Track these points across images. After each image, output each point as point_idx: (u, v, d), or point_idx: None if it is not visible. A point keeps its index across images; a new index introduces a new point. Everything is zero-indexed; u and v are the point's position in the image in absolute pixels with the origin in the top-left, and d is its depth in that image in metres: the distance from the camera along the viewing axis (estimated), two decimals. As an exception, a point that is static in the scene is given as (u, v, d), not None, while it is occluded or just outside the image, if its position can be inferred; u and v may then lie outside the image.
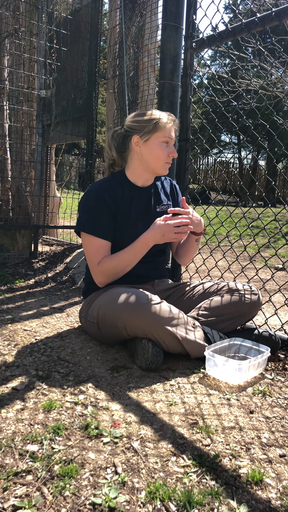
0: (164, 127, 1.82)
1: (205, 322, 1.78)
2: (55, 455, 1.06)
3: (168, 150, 1.85)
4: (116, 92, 3.44)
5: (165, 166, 1.88)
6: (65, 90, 4.13)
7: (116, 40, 3.51)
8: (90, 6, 3.84)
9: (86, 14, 3.91)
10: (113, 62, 3.52)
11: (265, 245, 5.87)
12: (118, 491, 0.94)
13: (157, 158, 1.85)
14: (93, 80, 3.83)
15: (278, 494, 0.96)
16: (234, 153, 21.12)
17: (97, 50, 3.82)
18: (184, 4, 2.30)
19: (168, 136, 1.83)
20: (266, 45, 8.23)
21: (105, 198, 1.83)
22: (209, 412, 1.32)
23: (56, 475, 0.98)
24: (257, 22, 1.96)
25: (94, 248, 1.82)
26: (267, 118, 11.78)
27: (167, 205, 2.01)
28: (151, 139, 1.83)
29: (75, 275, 3.28)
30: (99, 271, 1.81)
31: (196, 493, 0.94)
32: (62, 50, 3.99)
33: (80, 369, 1.60)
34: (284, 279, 3.93)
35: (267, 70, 8.47)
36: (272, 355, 1.81)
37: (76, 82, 4.02)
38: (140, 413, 1.29)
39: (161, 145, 1.83)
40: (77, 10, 4.01)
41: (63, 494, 0.93)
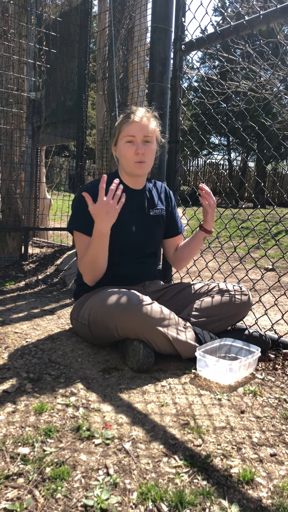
0: (126, 127, 1.82)
1: (196, 323, 1.79)
2: (46, 458, 1.05)
3: (135, 147, 1.81)
4: (106, 94, 3.44)
5: (135, 166, 1.84)
6: (54, 92, 4.12)
7: (105, 42, 3.51)
8: (79, 8, 3.84)
9: (76, 16, 3.91)
10: (102, 64, 3.53)
11: (255, 246, 5.90)
12: (110, 493, 0.94)
13: (125, 159, 1.85)
14: (82, 82, 3.83)
15: (269, 493, 0.97)
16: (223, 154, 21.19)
17: (87, 52, 3.82)
18: (173, 7, 2.31)
19: (130, 134, 1.80)
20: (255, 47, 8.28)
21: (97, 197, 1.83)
22: (200, 413, 1.32)
23: (47, 477, 0.98)
24: (246, 24, 1.97)
25: (83, 246, 1.82)
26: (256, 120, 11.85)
27: (161, 209, 2.02)
28: (118, 141, 1.86)
29: (65, 277, 3.27)
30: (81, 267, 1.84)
31: (187, 493, 0.94)
32: (51, 52, 3.98)
33: (71, 371, 1.59)
34: (274, 280, 3.96)
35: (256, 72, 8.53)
36: (263, 355, 1.82)
37: (66, 84, 4.01)
38: (131, 414, 1.29)
39: (126, 144, 1.83)
40: (66, 12, 4.01)
41: (54, 497, 0.92)
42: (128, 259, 1.93)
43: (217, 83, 8.20)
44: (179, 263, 2.15)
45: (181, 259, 2.12)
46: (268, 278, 4.20)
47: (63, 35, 3.99)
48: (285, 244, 6.37)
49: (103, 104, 3.59)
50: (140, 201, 1.96)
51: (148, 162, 1.86)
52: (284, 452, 1.14)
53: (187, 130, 2.57)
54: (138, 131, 1.81)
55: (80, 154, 3.95)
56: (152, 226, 1.98)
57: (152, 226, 1.98)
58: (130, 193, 1.92)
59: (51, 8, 4.19)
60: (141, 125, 1.81)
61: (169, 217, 2.08)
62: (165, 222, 2.06)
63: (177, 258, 2.13)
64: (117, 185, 1.66)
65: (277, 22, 1.96)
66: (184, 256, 2.10)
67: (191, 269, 3.45)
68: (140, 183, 1.96)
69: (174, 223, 2.10)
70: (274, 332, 1.99)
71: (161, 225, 2.03)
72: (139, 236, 1.92)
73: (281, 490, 0.98)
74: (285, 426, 1.27)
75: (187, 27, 2.39)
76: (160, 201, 2.03)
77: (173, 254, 2.15)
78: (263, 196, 15.16)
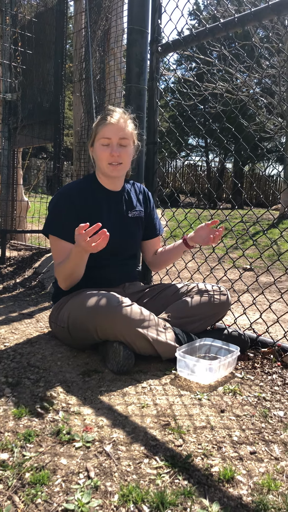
0: (102, 129, 1.81)
1: (175, 323, 1.79)
2: (26, 463, 1.04)
3: (110, 150, 1.80)
4: (83, 96, 3.43)
5: (110, 168, 1.84)
6: (31, 93, 4.08)
7: (82, 44, 3.50)
8: (55, 9, 3.82)
9: (51, 17, 3.89)
10: (79, 66, 3.51)
11: (233, 246, 5.96)
12: (91, 496, 0.93)
13: (101, 161, 1.84)
14: (59, 83, 3.81)
15: (249, 490, 0.98)
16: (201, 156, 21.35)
17: (63, 53, 3.79)
18: (149, 9, 2.32)
19: (106, 136, 1.80)
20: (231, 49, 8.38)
21: (74, 200, 1.83)
22: (181, 413, 1.33)
23: (27, 482, 0.97)
24: (221, 27, 1.99)
25: (58, 250, 1.82)
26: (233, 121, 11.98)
27: (139, 211, 2.02)
28: (95, 142, 1.86)
29: (44, 280, 3.24)
30: (57, 273, 1.83)
31: (169, 493, 0.94)
32: (27, 53, 3.94)
33: (50, 374, 1.58)
34: (252, 279, 4.00)
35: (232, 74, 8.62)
36: (242, 354, 1.84)
37: (43, 85, 3.98)
38: (112, 416, 1.29)
39: (101, 147, 1.82)
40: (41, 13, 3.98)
41: (34, 502, 0.91)
42: (107, 261, 1.92)
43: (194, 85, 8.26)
44: (156, 267, 2.16)
45: (158, 263, 2.14)
46: (247, 278, 4.24)
47: (39, 36, 3.96)
48: (262, 244, 6.45)
49: (80, 105, 3.57)
50: (118, 203, 1.95)
51: (124, 164, 1.86)
52: (264, 450, 1.15)
53: (164, 131, 2.58)
54: (114, 134, 1.80)
55: (57, 155, 3.92)
56: (131, 228, 1.98)
57: (131, 228, 1.98)
58: (108, 195, 1.92)
59: (26, 8, 4.15)
60: (118, 127, 1.81)
61: (148, 219, 2.08)
62: (144, 224, 2.06)
63: (155, 262, 2.14)
64: (98, 229, 1.59)
65: (251, 25, 1.98)
66: (162, 262, 2.13)
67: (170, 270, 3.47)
68: (118, 184, 1.96)
69: (153, 225, 2.10)
70: (252, 331, 2.01)
71: (139, 227, 2.03)
72: (118, 238, 1.92)
73: (261, 487, 0.99)
74: (265, 424, 1.29)
75: (163, 29, 2.41)
76: (138, 202, 2.03)
77: (151, 257, 2.15)
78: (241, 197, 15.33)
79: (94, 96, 3.03)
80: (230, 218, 8.67)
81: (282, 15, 1.79)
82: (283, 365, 1.75)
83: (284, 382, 1.60)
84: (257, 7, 1.85)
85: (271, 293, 3.59)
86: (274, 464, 1.09)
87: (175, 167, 18.92)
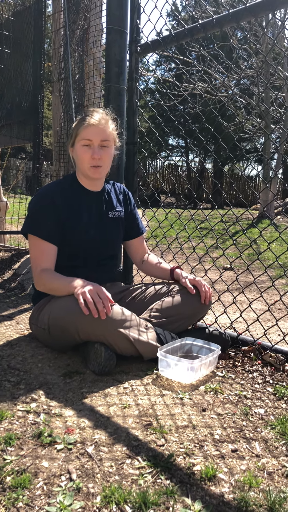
0: (83, 130, 1.80)
1: (157, 323, 1.80)
2: (7, 466, 1.03)
3: (91, 151, 1.80)
4: (62, 95, 3.40)
5: (91, 170, 1.83)
6: (9, 93, 4.04)
7: (60, 43, 3.47)
8: (33, 7, 3.78)
9: (29, 16, 3.85)
10: (58, 65, 3.48)
11: (214, 245, 6.00)
12: (73, 498, 0.93)
13: (81, 162, 1.83)
14: (38, 83, 3.77)
15: (231, 488, 0.98)
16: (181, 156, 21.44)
17: (41, 52, 3.76)
18: (128, 9, 2.32)
19: (87, 138, 1.79)
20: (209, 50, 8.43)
21: (54, 200, 1.81)
22: (162, 413, 1.33)
23: (8, 486, 0.96)
24: (199, 28, 2.00)
25: (38, 250, 1.80)
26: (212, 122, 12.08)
27: (119, 211, 2.01)
28: (75, 144, 1.85)
29: (24, 281, 3.21)
30: (39, 278, 1.79)
31: (151, 493, 0.94)
32: (5, 52, 3.90)
33: (31, 376, 1.56)
34: (232, 279, 4.04)
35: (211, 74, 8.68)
36: (223, 352, 1.85)
37: (21, 85, 3.94)
38: (94, 417, 1.28)
39: (82, 148, 1.81)
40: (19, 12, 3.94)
41: (16, 506, 0.90)
42: (87, 262, 1.91)
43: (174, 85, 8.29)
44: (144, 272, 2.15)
45: (147, 272, 2.13)
46: (227, 277, 4.28)
47: (16, 35, 3.91)
48: (242, 244, 6.51)
49: (60, 105, 3.55)
50: (98, 203, 1.95)
51: (105, 166, 1.86)
52: (245, 447, 1.16)
53: (144, 132, 2.58)
54: (95, 135, 1.79)
55: (36, 155, 3.88)
56: (111, 229, 1.97)
57: (111, 228, 1.97)
58: (88, 195, 1.91)
59: (4, 7, 4.11)
60: (99, 128, 1.80)
61: (129, 219, 2.08)
62: (125, 224, 2.06)
63: (143, 269, 2.14)
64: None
65: (229, 26, 2.00)
66: (149, 274, 2.14)
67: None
68: (98, 185, 1.95)
69: (134, 224, 2.10)
70: (233, 330, 2.03)
71: (120, 227, 2.03)
72: (98, 239, 1.91)
73: (242, 484, 1.00)
74: (246, 422, 1.30)
75: (142, 29, 2.41)
76: (118, 203, 2.03)
77: (140, 264, 2.13)
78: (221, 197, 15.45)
79: (73, 96, 3.02)
80: (210, 218, 8.73)
81: (259, 16, 1.81)
82: (263, 363, 1.77)
83: (264, 380, 1.62)
84: (235, 8, 1.87)
85: (251, 292, 3.62)
86: (255, 461, 1.10)
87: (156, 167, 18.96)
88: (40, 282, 1.80)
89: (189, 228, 7.66)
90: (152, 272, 2.11)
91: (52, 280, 1.75)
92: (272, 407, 1.41)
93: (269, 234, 7.13)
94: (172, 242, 2.74)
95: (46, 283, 1.77)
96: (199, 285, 1.88)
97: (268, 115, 9.41)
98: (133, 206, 2.10)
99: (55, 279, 1.75)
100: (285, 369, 1.71)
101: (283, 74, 9.64)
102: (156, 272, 2.09)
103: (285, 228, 2.48)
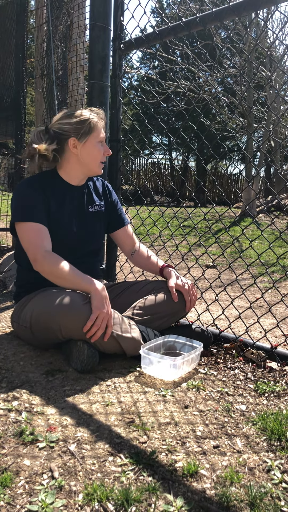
0: (97, 127, 1.83)
1: (140, 321, 1.80)
2: (-12, 465, 1.02)
3: (103, 149, 1.87)
4: (45, 91, 3.37)
5: (100, 166, 1.89)
6: (-10, 88, 3.99)
7: (43, 39, 3.44)
8: (16, 2, 3.74)
9: (12, 11, 3.80)
10: (41, 61, 3.45)
11: (196, 243, 6.03)
12: (55, 496, 0.92)
13: (95, 159, 1.85)
14: (20, 78, 3.73)
15: (213, 483, 0.99)
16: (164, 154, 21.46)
17: (24, 48, 3.72)
18: (112, 5, 2.31)
19: (102, 135, 1.86)
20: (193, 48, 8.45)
21: (44, 190, 1.81)
22: (145, 410, 1.33)
23: (-11, 485, 0.95)
24: (183, 26, 2.01)
25: (35, 234, 1.73)
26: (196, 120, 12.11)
27: (100, 205, 2.00)
28: (88, 141, 1.83)
29: (5, 279, 3.18)
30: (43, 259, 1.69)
31: (133, 490, 0.95)
32: (-14, 47, 3.85)
33: (13, 375, 1.55)
34: (215, 276, 4.06)
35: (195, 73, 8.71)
36: (205, 350, 1.86)
37: (3, 81, 3.89)
38: (76, 415, 1.28)
39: (98, 145, 1.84)
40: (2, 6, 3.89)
41: (-3, 505, 0.90)
42: (69, 258, 1.89)
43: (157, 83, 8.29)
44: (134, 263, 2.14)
45: (136, 264, 2.12)
46: (210, 275, 4.30)
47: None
48: (225, 242, 6.55)
49: (42, 101, 3.52)
50: (80, 197, 1.93)
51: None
52: (227, 444, 1.17)
53: (128, 129, 2.58)
54: (104, 134, 1.88)
55: (19, 152, 3.85)
56: (92, 223, 1.96)
57: (92, 223, 1.96)
58: (70, 189, 1.90)
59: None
60: (103, 125, 1.88)
61: (110, 210, 2.06)
62: (106, 217, 2.05)
63: (133, 261, 2.12)
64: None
65: (213, 24, 2.01)
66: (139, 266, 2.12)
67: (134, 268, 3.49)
68: (83, 182, 1.95)
69: (116, 215, 2.08)
70: (215, 327, 2.04)
71: (101, 221, 2.01)
72: (80, 234, 1.90)
73: (224, 480, 1.01)
74: (227, 418, 1.31)
75: (125, 26, 2.40)
76: (98, 196, 2.02)
77: (131, 256, 2.11)
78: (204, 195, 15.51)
79: (56, 93, 2.99)
80: (193, 216, 8.76)
81: (243, 15, 1.82)
82: (245, 360, 1.79)
83: (246, 376, 1.64)
84: (218, 7, 1.88)
85: (233, 290, 3.65)
86: (236, 457, 1.11)
87: (139, 165, 18.95)
88: (45, 264, 1.69)
89: (172, 226, 7.69)
90: (142, 265, 2.09)
91: (63, 266, 1.67)
92: (254, 404, 1.42)
93: (251, 232, 7.20)
94: (155, 240, 2.75)
95: (53, 266, 1.68)
96: (185, 293, 1.89)
97: (251, 114, 9.49)
98: (113, 198, 2.09)
99: (68, 266, 1.68)
100: (266, 365, 1.73)
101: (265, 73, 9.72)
102: (146, 266, 2.08)
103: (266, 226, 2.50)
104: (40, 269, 1.71)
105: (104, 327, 1.60)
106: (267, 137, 10.06)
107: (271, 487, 0.99)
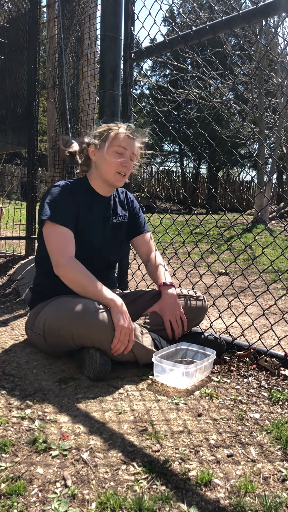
0: (118, 137, 1.82)
1: (153, 329, 1.80)
2: (1, 473, 1.02)
3: (121, 159, 1.83)
4: (57, 101, 3.41)
5: (116, 176, 1.85)
6: (4, 99, 4.04)
7: (55, 50, 3.49)
8: (28, 14, 3.80)
9: (24, 23, 3.86)
10: (53, 72, 3.50)
11: (208, 250, 6.01)
12: (68, 505, 0.92)
13: (110, 166, 1.83)
14: (33, 89, 3.78)
15: (227, 493, 0.98)
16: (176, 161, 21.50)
17: (36, 59, 3.77)
18: (122, 16, 2.33)
19: (123, 146, 1.82)
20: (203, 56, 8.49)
21: (76, 196, 1.83)
22: (158, 418, 1.33)
23: (3, 493, 0.95)
24: (193, 34, 2.02)
25: (62, 239, 1.74)
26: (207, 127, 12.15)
27: (123, 216, 2.02)
28: (107, 147, 1.83)
29: (19, 287, 3.20)
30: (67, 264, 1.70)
31: (146, 499, 0.94)
32: (0, 59, 3.91)
33: (26, 383, 1.56)
34: (227, 284, 4.04)
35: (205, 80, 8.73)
36: (218, 357, 1.85)
37: (16, 91, 3.95)
38: (89, 423, 1.28)
39: (114, 153, 1.83)
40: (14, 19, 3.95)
41: (10, 513, 0.90)
42: (91, 267, 1.89)
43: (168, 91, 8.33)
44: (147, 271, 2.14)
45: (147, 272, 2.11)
46: (222, 282, 4.28)
47: (11, 41, 3.93)
48: (237, 249, 6.52)
49: (54, 111, 3.55)
50: (106, 208, 1.95)
51: (127, 177, 1.89)
52: (240, 452, 1.16)
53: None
54: (130, 146, 1.84)
55: (31, 161, 3.89)
56: (116, 234, 1.97)
57: (115, 234, 1.97)
58: (98, 199, 1.91)
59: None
60: (133, 141, 1.86)
61: (131, 219, 2.07)
62: (128, 227, 2.06)
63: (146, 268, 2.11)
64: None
65: (223, 32, 2.01)
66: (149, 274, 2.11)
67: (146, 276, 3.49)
68: (110, 193, 1.96)
69: (137, 223, 2.09)
70: (228, 334, 2.03)
71: (123, 232, 2.03)
72: (104, 245, 1.91)
73: (238, 489, 0.99)
74: (241, 427, 1.30)
75: (136, 36, 2.42)
76: (122, 207, 2.04)
77: (145, 261, 2.11)
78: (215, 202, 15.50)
79: (68, 102, 3.02)
80: (205, 223, 8.75)
81: (252, 23, 1.83)
82: (258, 368, 1.77)
83: (259, 384, 1.62)
84: (228, 15, 1.89)
85: (246, 297, 3.63)
86: (250, 466, 1.10)
87: (150, 172, 19.00)
88: (67, 270, 1.70)
89: (184, 233, 7.68)
90: (150, 275, 2.09)
91: (86, 275, 1.69)
92: (268, 412, 1.41)
93: (264, 239, 7.16)
94: (167, 247, 2.75)
95: (77, 273, 1.69)
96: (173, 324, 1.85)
97: (262, 121, 9.47)
98: (134, 207, 2.10)
99: (90, 276, 1.69)
100: (280, 373, 1.71)
101: (276, 80, 9.71)
102: (152, 277, 2.07)
103: (279, 232, 2.49)
104: (61, 274, 1.72)
105: (127, 342, 1.61)
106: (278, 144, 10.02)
107: (286, 497, 0.97)
